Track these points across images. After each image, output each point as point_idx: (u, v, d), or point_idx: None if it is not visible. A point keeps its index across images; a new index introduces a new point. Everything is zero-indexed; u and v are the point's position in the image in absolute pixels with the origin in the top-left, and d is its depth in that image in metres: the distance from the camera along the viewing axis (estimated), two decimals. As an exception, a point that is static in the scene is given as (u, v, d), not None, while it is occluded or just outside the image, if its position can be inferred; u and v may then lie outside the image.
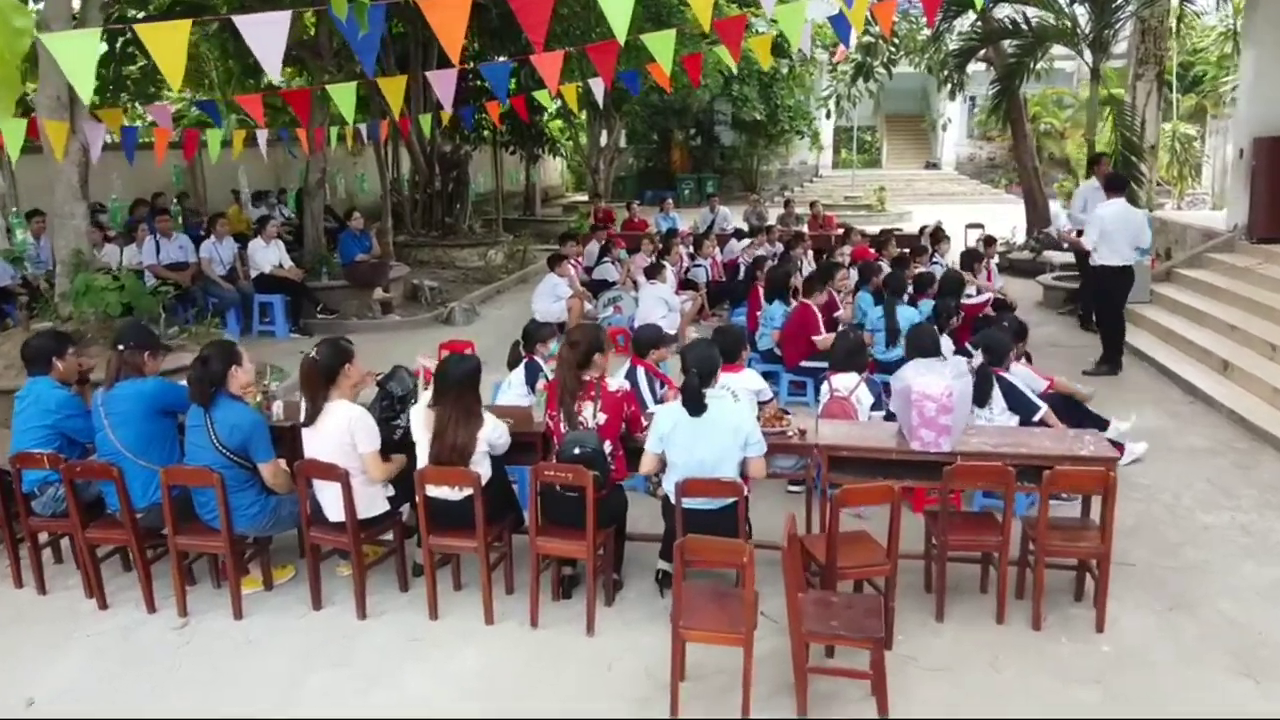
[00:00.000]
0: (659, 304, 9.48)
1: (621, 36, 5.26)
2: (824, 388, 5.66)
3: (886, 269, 9.82)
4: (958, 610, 4.44)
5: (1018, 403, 5.24)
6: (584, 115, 28.07)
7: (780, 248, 13.05)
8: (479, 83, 17.10)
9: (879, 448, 4.42)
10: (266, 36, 4.99)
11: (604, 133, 26.62)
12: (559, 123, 29.40)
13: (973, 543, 4.27)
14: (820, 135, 31.28)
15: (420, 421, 4.32)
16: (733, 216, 15.66)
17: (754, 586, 3.41)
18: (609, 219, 15.92)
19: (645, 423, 4.53)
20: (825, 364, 7.56)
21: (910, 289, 8.50)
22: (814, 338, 7.59)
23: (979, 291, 9.36)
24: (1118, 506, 4.21)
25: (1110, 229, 8.41)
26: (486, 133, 18.66)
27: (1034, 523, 4.23)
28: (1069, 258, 13.75)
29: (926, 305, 8.20)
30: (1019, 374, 5.69)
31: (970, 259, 9.90)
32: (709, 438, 4.15)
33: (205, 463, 4.26)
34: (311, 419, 4.30)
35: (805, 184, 33.08)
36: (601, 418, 4.35)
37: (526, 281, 14.71)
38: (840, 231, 14.59)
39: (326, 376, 4.32)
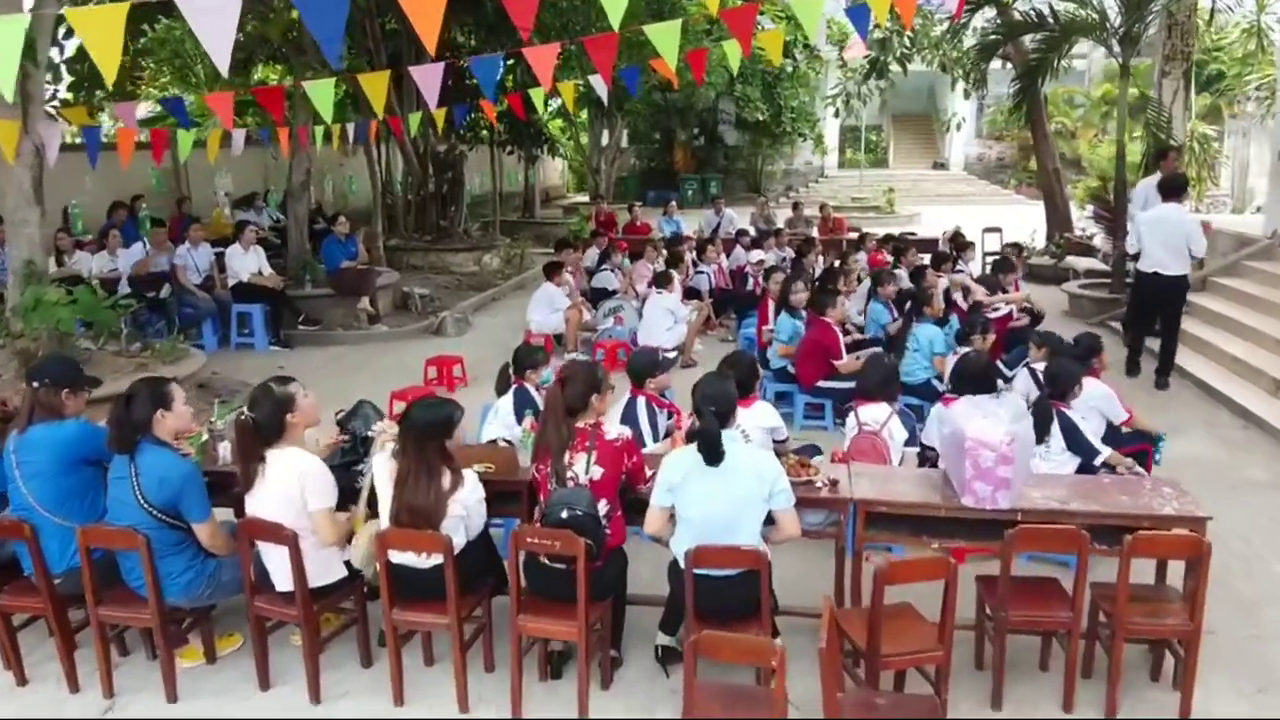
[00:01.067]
0: (664, 315, 8.82)
1: (616, 24, 4.64)
2: (850, 420, 5.00)
3: (904, 278, 9.21)
4: (1016, 692, 3.79)
5: (1078, 445, 4.58)
6: (585, 114, 27.53)
7: (790, 253, 12.42)
8: (474, 80, 16.51)
9: (925, 503, 3.76)
10: (215, 25, 4.33)
11: (605, 132, 26.02)
12: (559, 122, 28.89)
13: (1038, 618, 3.61)
14: (824, 137, 30.58)
15: (384, 473, 3.66)
16: (738, 219, 14.95)
17: (785, 689, 2.76)
18: (610, 223, 15.23)
19: (650, 472, 3.86)
20: (845, 384, 6.95)
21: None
22: (835, 361, 6.94)
23: (1007, 302, 8.70)
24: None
25: (1163, 236, 7.79)
26: (484, 132, 18.01)
27: (1109, 594, 3.58)
28: (1094, 263, 13.08)
29: (953, 322, 7.56)
30: (1096, 396, 5.03)
31: (1002, 268, 9.27)
32: (727, 488, 3.50)
33: (130, 521, 3.61)
34: (249, 485, 3.63)
35: (810, 184, 32.41)
36: (597, 472, 3.67)
37: (524, 288, 14.06)
38: (853, 236, 13.96)
39: (266, 437, 3.65)
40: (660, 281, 9.03)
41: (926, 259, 11.07)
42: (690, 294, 10.18)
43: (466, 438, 4.49)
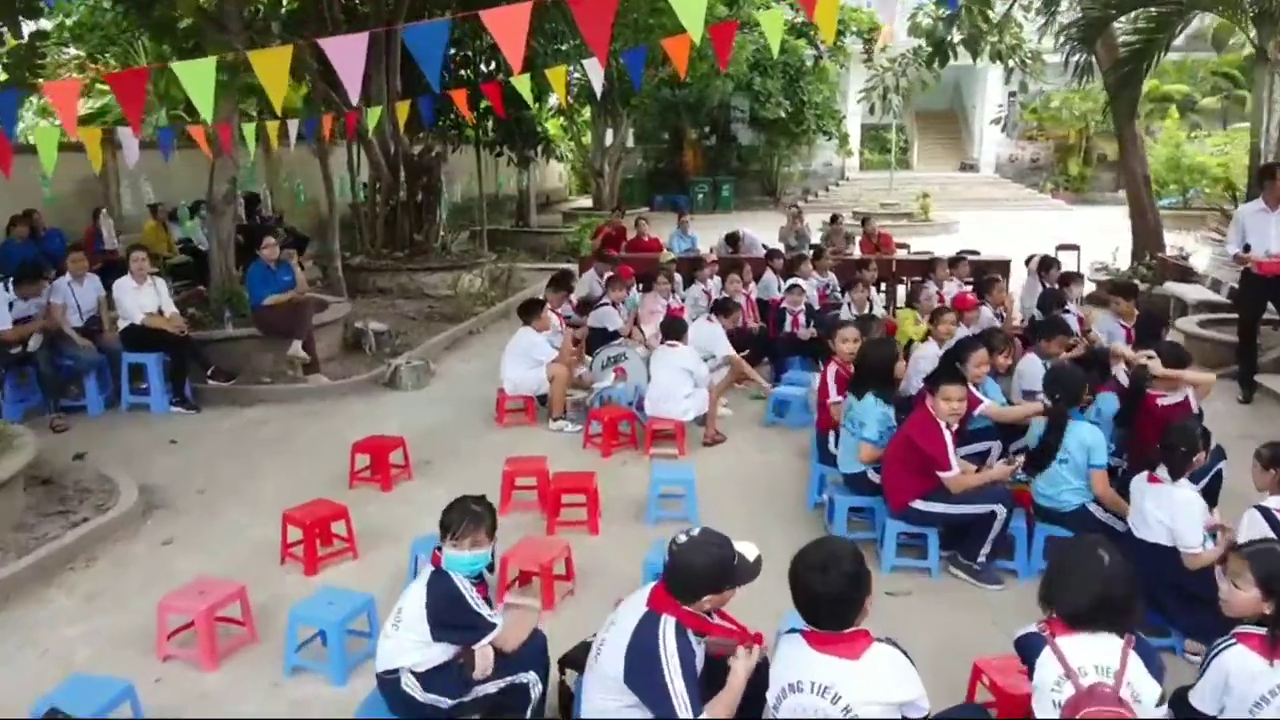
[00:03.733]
0: (680, 376, 6.55)
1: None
2: (1047, 660, 2.71)
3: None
4: None
5: None
6: (587, 112, 25.26)
7: (832, 280, 10.13)
8: (460, 71, 14.23)
9: None
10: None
11: (609, 131, 23.75)
12: (559, 120, 26.61)
13: None
14: (849, 136, 28.27)
15: None
16: (759, 239, 12.51)
17: None
18: (618, 239, 12.85)
19: None
20: (955, 507, 4.67)
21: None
22: (942, 474, 4.65)
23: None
24: None
25: None
26: (468, 131, 15.74)
27: None
28: (1203, 291, 10.75)
29: (1108, 403, 5.29)
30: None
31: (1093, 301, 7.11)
32: None
33: None
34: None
35: (830, 188, 30.11)
36: None
37: (510, 317, 11.79)
38: (914, 255, 11.65)
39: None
40: (671, 332, 6.73)
41: (1015, 294, 8.85)
42: (720, 308, 7.75)
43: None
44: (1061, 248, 12.16)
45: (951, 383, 4.77)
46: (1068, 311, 7.31)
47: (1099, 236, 18.59)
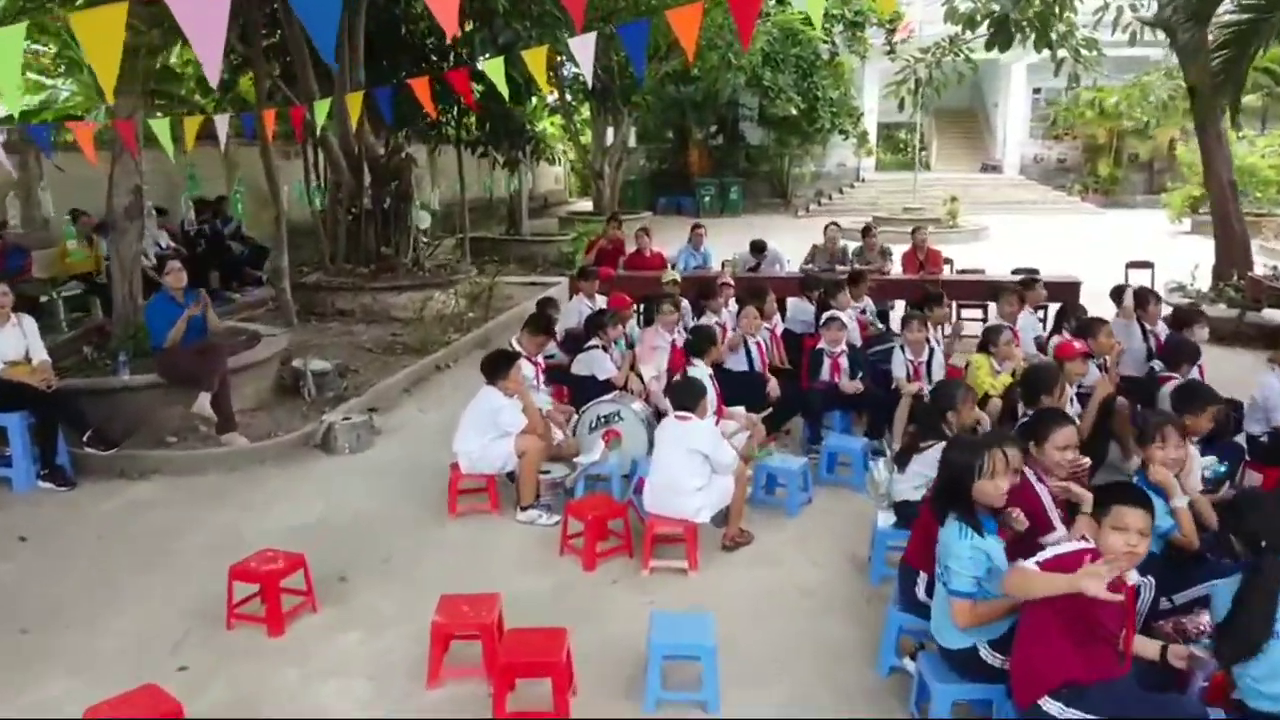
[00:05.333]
0: (693, 461, 4.78)
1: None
2: None
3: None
4: None
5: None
6: (586, 110, 23.56)
7: (868, 304, 8.42)
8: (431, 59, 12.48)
9: None
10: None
11: (610, 130, 22.05)
12: (556, 118, 24.90)
13: None
14: (868, 134, 26.50)
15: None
16: (784, 257, 10.70)
17: None
18: (615, 253, 11.07)
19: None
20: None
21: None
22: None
23: None
24: None
25: None
26: (449, 130, 14.02)
27: None
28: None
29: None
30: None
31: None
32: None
33: None
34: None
35: (845, 189, 28.34)
36: None
37: (490, 344, 10.08)
38: (964, 274, 9.86)
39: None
40: (681, 399, 4.95)
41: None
42: (724, 380, 6.11)
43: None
44: (1133, 265, 10.41)
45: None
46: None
47: (1154, 248, 16.85)
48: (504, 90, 7.07)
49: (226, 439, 6.65)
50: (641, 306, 10.24)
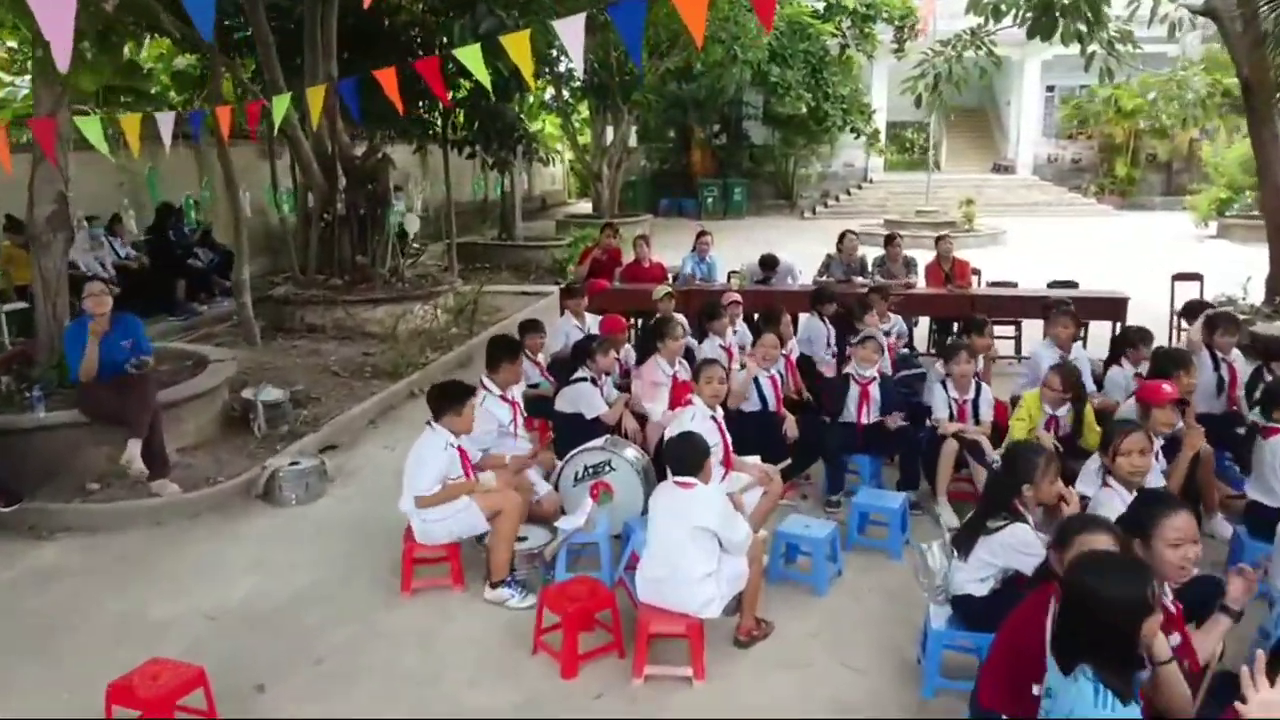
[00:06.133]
0: (698, 541, 3.82)
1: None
2: None
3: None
4: None
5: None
6: (584, 107, 22.62)
7: (898, 325, 7.50)
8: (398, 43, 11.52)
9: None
10: None
11: (609, 129, 21.11)
12: (554, 118, 23.96)
13: None
14: (880, 132, 25.54)
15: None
16: (798, 269, 9.69)
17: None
18: (610, 264, 10.03)
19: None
20: None
21: None
22: None
23: None
24: None
25: None
26: (434, 130, 13.07)
27: None
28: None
29: None
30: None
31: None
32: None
33: None
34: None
35: (853, 190, 27.37)
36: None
37: (473, 364, 9.16)
38: (995, 287, 8.90)
39: None
40: (682, 461, 3.98)
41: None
42: (735, 423, 5.19)
43: None
44: (1180, 278, 9.45)
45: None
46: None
47: (1182, 253, 15.89)
48: (485, 80, 6.15)
49: (157, 487, 5.71)
50: (639, 323, 9.41)
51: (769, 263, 9.25)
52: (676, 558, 3.77)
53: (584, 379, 5.72)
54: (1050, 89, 29.32)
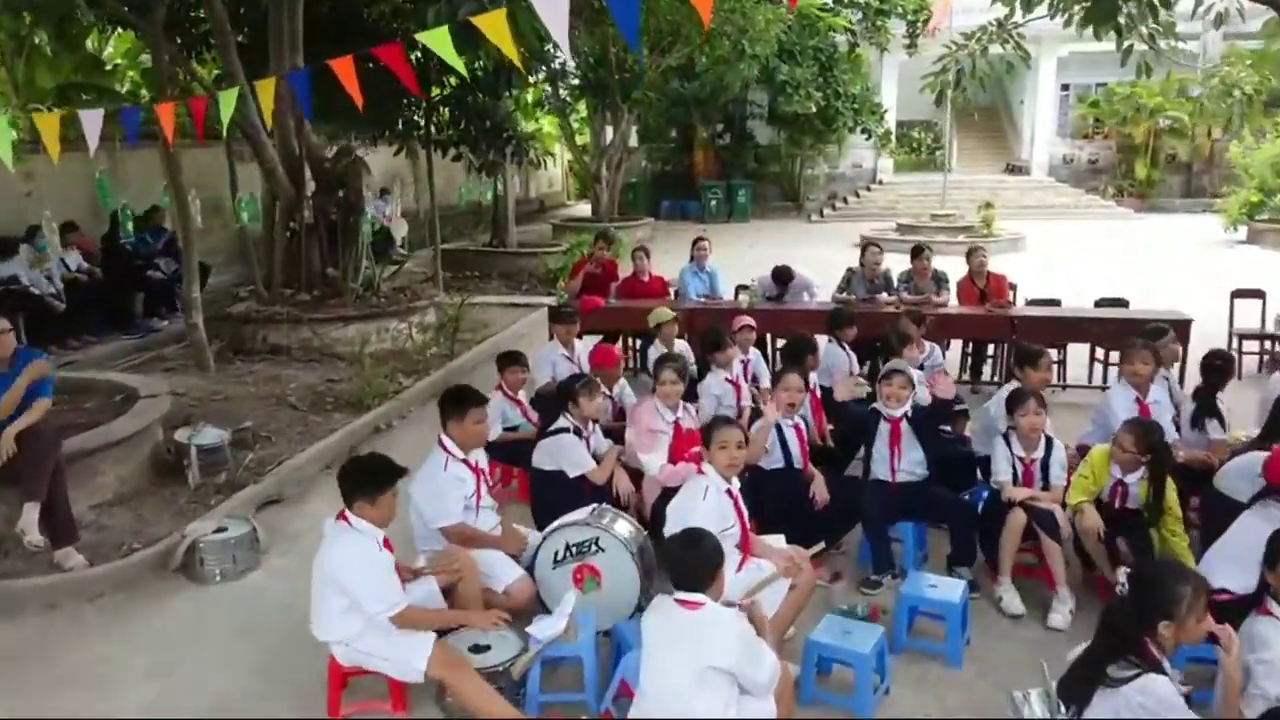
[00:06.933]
0: (708, 681, 2.84)
1: None
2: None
3: None
4: None
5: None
6: (582, 104, 21.66)
7: (935, 354, 6.54)
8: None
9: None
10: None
11: (609, 129, 20.14)
12: (551, 117, 23.00)
13: None
14: (891, 133, 24.56)
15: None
16: (815, 285, 8.63)
17: None
18: (605, 278, 8.83)
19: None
20: None
21: None
22: None
23: None
24: None
25: None
26: (419, 130, 12.09)
27: None
28: None
29: None
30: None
31: None
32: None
33: None
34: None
35: (861, 193, 26.35)
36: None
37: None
38: (1036, 306, 7.84)
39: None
40: (684, 570, 2.98)
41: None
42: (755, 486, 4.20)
43: None
44: (1240, 295, 8.46)
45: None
46: None
47: (1215, 261, 14.84)
48: (459, 66, 5.24)
49: (60, 557, 4.74)
50: (638, 344, 8.42)
51: (783, 276, 8.27)
52: (679, 706, 2.79)
53: (566, 429, 4.73)
54: (1065, 87, 28.33)
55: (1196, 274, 13.99)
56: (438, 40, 4.69)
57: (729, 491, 3.82)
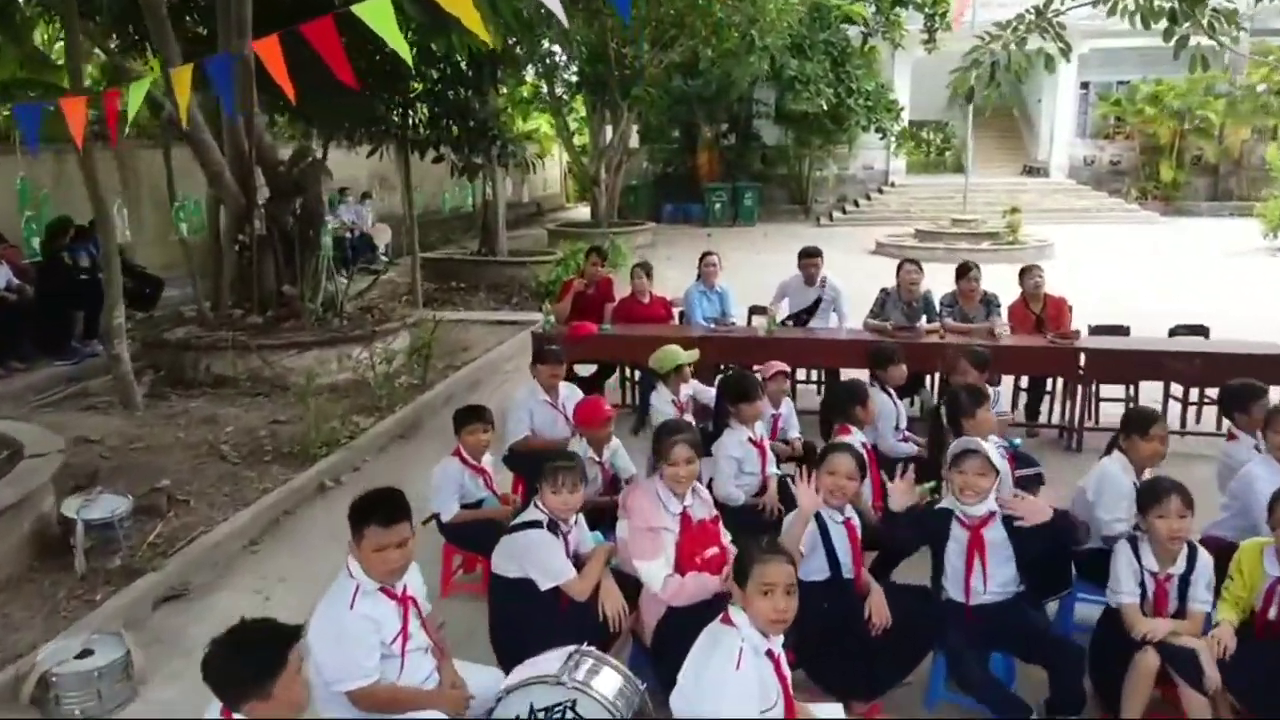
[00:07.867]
0: None
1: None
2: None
3: None
4: None
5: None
6: (579, 101, 20.53)
7: (996, 402, 5.31)
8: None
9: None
10: None
11: (608, 129, 19.00)
12: (547, 116, 21.88)
13: None
14: (907, 132, 23.36)
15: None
16: (847, 308, 7.42)
17: None
18: (599, 299, 7.70)
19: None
20: None
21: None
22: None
23: None
24: None
25: None
26: (395, 129, 10.91)
27: None
28: None
29: None
30: None
31: None
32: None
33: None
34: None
35: (873, 195, 25.21)
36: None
37: (419, 434, 7.03)
38: (1104, 336, 6.58)
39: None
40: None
41: None
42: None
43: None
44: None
45: None
46: None
47: (1261, 270, 13.80)
48: (404, 50, 4.10)
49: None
50: (636, 376, 7.26)
51: (811, 252, 7.30)
52: None
53: (537, 523, 3.55)
54: (1085, 85, 27.13)
55: (1252, 289, 12.85)
56: (375, 13, 3.59)
57: (769, 652, 2.65)
